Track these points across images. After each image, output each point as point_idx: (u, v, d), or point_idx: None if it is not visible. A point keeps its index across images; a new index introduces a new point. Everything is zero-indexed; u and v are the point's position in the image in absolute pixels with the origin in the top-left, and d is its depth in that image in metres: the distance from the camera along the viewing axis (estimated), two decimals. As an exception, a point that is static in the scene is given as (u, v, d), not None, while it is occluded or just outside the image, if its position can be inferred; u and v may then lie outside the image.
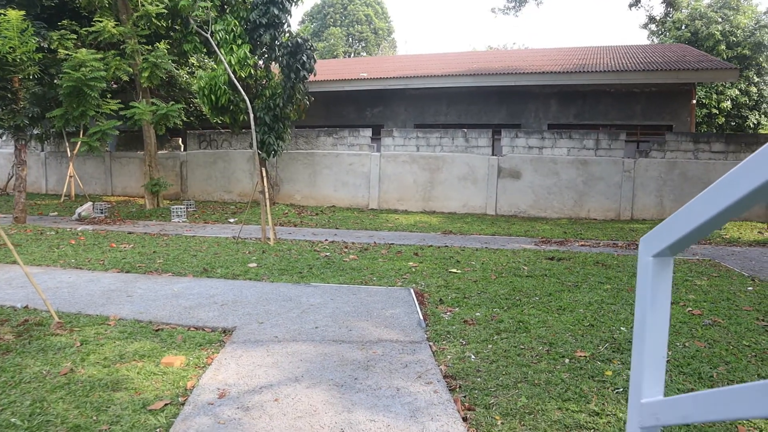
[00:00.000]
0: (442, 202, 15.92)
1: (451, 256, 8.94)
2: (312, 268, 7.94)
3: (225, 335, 5.04)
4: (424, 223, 13.70)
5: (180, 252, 9.14)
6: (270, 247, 9.61)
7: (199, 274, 7.60)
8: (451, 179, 15.79)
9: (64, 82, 11.83)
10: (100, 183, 20.98)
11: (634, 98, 17.21)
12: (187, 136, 19.09)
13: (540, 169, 15.11)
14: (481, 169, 15.53)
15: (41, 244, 9.92)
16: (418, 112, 19.52)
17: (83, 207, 14.09)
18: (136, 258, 8.64)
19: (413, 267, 8.01)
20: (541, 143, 15.18)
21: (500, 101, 18.50)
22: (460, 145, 15.79)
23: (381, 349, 4.60)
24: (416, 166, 16.08)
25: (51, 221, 13.76)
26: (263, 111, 14.52)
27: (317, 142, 17.20)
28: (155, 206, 15.36)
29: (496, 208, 15.48)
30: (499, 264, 8.30)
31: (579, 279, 7.29)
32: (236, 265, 8.10)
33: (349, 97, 20.01)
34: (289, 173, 17.44)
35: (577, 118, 17.73)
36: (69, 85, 11.83)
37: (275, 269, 7.85)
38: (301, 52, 14.05)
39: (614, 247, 10.42)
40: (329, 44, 46.59)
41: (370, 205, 16.58)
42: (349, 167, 16.75)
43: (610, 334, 4.99)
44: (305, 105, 15.14)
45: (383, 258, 8.75)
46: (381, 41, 50.00)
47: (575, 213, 14.91)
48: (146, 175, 15.17)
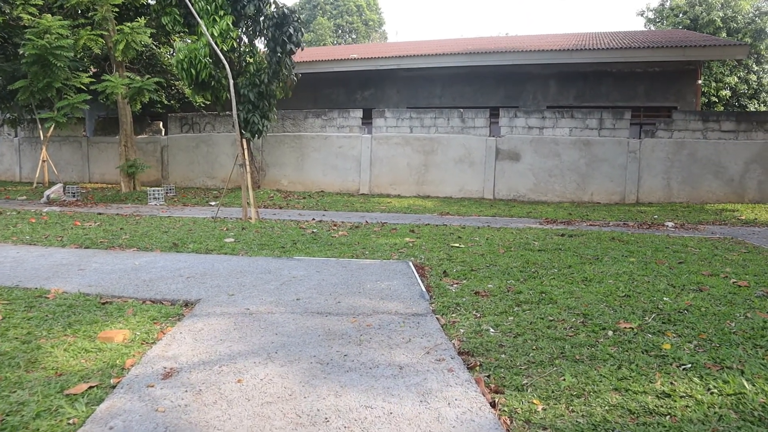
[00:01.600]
0: (437, 186, 15.06)
1: (451, 233, 8.08)
2: (296, 243, 7.05)
3: (186, 308, 4.14)
4: (418, 206, 12.84)
5: (150, 229, 8.21)
6: (251, 225, 8.70)
7: (168, 249, 6.68)
8: (447, 162, 14.93)
9: (27, 50, 10.85)
10: (77, 169, 19.92)
11: (637, 79, 16.44)
12: (168, 120, 18.09)
13: (540, 150, 14.29)
14: (479, 151, 14.69)
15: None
16: (411, 95, 18.64)
17: (52, 189, 13.10)
18: (99, 234, 7.71)
19: (410, 242, 7.14)
20: (541, 123, 14.36)
21: (497, 83, 17.67)
22: (456, 126, 14.93)
23: (377, 322, 3.72)
24: (410, 149, 15.20)
25: (17, 204, 12.75)
26: (247, 88, 13.56)
27: (305, 124, 16.28)
28: (131, 189, 14.37)
29: (494, 191, 14.64)
30: (506, 240, 7.45)
31: (598, 252, 6.45)
32: (211, 240, 7.19)
33: (339, 80, 19.10)
34: (275, 157, 16.51)
35: (578, 100, 16.93)
36: (32, 53, 10.88)
37: (255, 244, 6.95)
38: (287, 24, 13.11)
39: (625, 227, 9.60)
40: (317, 35, 45.61)
41: (361, 190, 15.69)
42: (339, 150, 15.85)
43: (652, 304, 4.14)
44: (292, 82, 14.21)
45: (376, 234, 7.87)
46: (372, 32, 49.08)
47: (578, 196, 14.11)
48: (122, 156, 14.18)
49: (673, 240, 7.71)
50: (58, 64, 10.89)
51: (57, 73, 11.14)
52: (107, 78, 11.89)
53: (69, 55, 11.02)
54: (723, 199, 13.39)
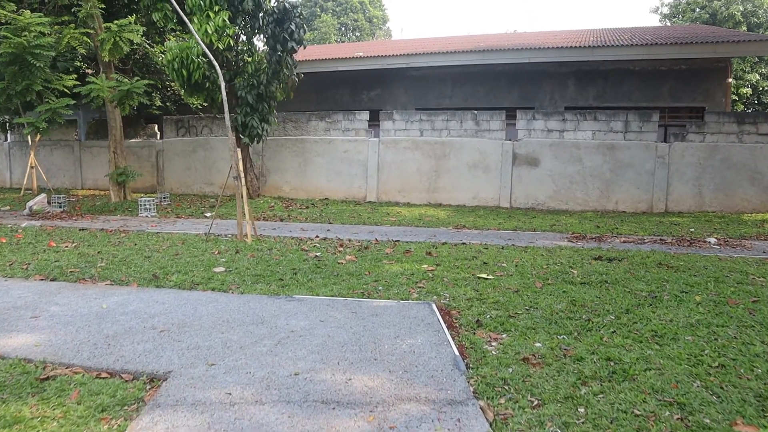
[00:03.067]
0: (449, 193, 14.06)
1: (473, 256, 7.09)
2: (297, 272, 6.07)
3: (151, 387, 3.17)
4: (430, 216, 11.85)
5: (131, 252, 7.25)
6: (246, 246, 7.72)
7: (146, 283, 5.72)
8: (460, 167, 13.93)
9: (3, 49, 9.91)
10: (69, 175, 19.00)
11: (661, 77, 15.40)
12: (164, 123, 17.14)
13: (561, 155, 13.28)
14: (494, 155, 13.68)
15: (-37, 244, 8.01)
16: (420, 95, 17.64)
17: (35, 200, 12.15)
18: (72, 261, 6.75)
19: (429, 271, 6.15)
20: (561, 126, 13.34)
21: (511, 82, 16.66)
22: (469, 128, 13.93)
23: (402, 419, 2.74)
24: (420, 153, 14.21)
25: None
26: (245, 89, 12.59)
27: (308, 127, 15.30)
28: (121, 199, 13.42)
29: (511, 199, 13.64)
30: (538, 266, 6.46)
31: (652, 287, 5.45)
32: (198, 270, 6.22)
33: (344, 80, 18.11)
34: (277, 162, 15.55)
35: (598, 100, 15.91)
36: (8, 52, 9.92)
37: (248, 275, 5.98)
38: (288, 20, 12.13)
39: (663, 244, 8.59)
40: (320, 33, 44.60)
41: (368, 197, 14.71)
42: (344, 155, 14.88)
43: (761, 381, 3.15)
44: (293, 82, 13.23)
45: (388, 259, 6.88)
46: (376, 30, 48.04)
47: (601, 205, 13.09)
48: (111, 164, 13.23)
49: (727, 264, 6.71)
50: (37, 64, 9.96)
51: (36, 74, 10.19)
52: (92, 80, 10.93)
53: (49, 54, 10.08)
54: (760, 207, 12.36)
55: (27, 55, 9.99)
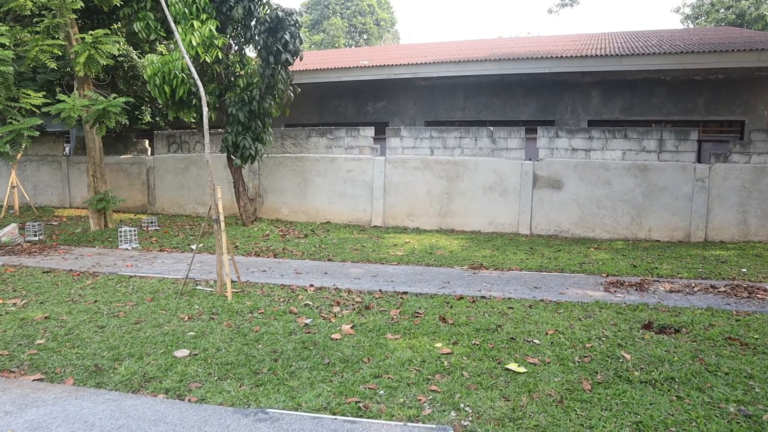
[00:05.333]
0: (462, 218, 12.77)
1: (496, 323, 5.79)
2: (279, 359, 4.81)
3: None
4: (442, 248, 10.56)
5: (85, 318, 6.02)
6: (226, 306, 6.47)
7: (86, 378, 4.49)
8: (474, 190, 12.64)
9: (-40, 67, 8.75)
10: (57, 192, 17.89)
11: (695, 88, 14.04)
12: (155, 138, 15.97)
13: (587, 177, 11.96)
14: (512, 177, 12.38)
15: None
16: (430, 107, 16.36)
17: (5, 230, 10.99)
18: (8, 334, 5.54)
19: (444, 356, 4.87)
20: (588, 144, 12.02)
21: (529, 93, 15.34)
22: (484, 146, 12.63)
23: None
24: (430, 174, 12.93)
25: (-37, 249, 10.67)
26: (236, 106, 11.38)
27: (308, 144, 14.07)
28: (102, 227, 12.22)
29: (531, 226, 12.33)
30: (578, 342, 5.17)
31: (738, 392, 4.15)
32: (157, 351, 4.98)
33: (347, 90, 16.86)
34: (274, 182, 14.33)
35: (624, 113, 14.56)
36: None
37: (217, 363, 4.73)
38: (282, 29, 10.90)
39: (717, 294, 7.26)
40: (330, 36, 43.44)
41: (374, 222, 13.45)
42: (348, 174, 13.63)
43: None
44: (289, 97, 12.00)
45: (394, 329, 5.60)
46: (384, 32, 46.80)
47: (632, 232, 11.75)
48: (90, 188, 12.03)
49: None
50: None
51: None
52: (62, 98, 9.74)
53: (8, 70, 8.88)
54: (813, 237, 11.00)
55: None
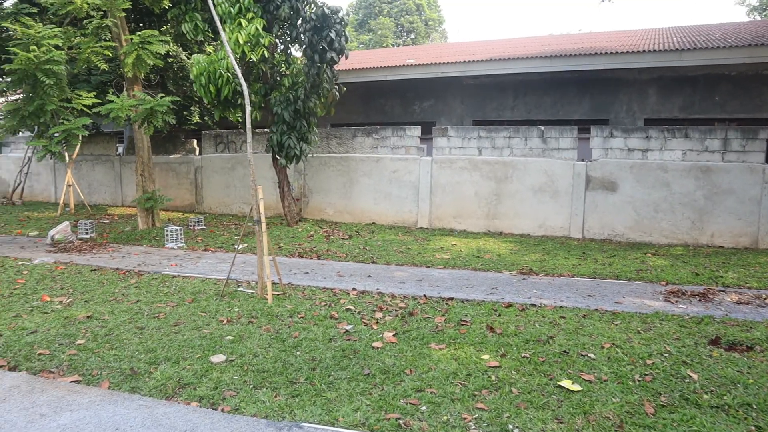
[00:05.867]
0: (511, 220, 12.36)
1: (548, 334, 5.43)
2: (317, 368, 4.61)
3: None
4: (489, 251, 10.20)
5: (126, 318, 5.98)
6: (265, 309, 6.33)
7: (121, 382, 4.40)
8: (524, 191, 12.21)
9: (14, 66, 8.94)
10: (110, 191, 18.36)
11: (763, 83, 13.17)
12: (203, 138, 16.15)
13: (644, 178, 11.36)
14: (564, 178, 11.89)
15: (-51, 296, 7.00)
16: (478, 106, 15.96)
17: (58, 228, 11.24)
18: (51, 332, 5.54)
19: (491, 369, 4.57)
20: (645, 144, 11.42)
21: (581, 91, 14.75)
22: (535, 147, 12.18)
23: None
24: (478, 174, 12.56)
25: (18, 246, 10.97)
26: (281, 105, 11.31)
27: (353, 144, 13.91)
28: (149, 226, 12.37)
29: (583, 229, 11.80)
30: (638, 357, 4.77)
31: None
32: (193, 356, 4.87)
33: (394, 89, 16.63)
34: (319, 182, 14.23)
35: (684, 111, 13.81)
36: (17, 69, 8.94)
37: (253, 369, 4.57)
38: (327, 27, 10.75)
39: (792, 306, 6.68)
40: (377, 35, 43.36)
41: (419, 223, 13.17)
42: (393, 175, 13.40)
43: None
44: (334, 97, 11.86)
45: (438, 338, 5.33)
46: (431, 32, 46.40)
47: (693, 238, 11.09)
48: (138, 187, 12.19)
49: None
50: (47, 81, 8.91)
51: (49, 92, 9.17)
52: (111, 99, 9.87)
53: (60, 70, 9.03)
54: None
55: (37, 72, 8.99)
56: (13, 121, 9.51)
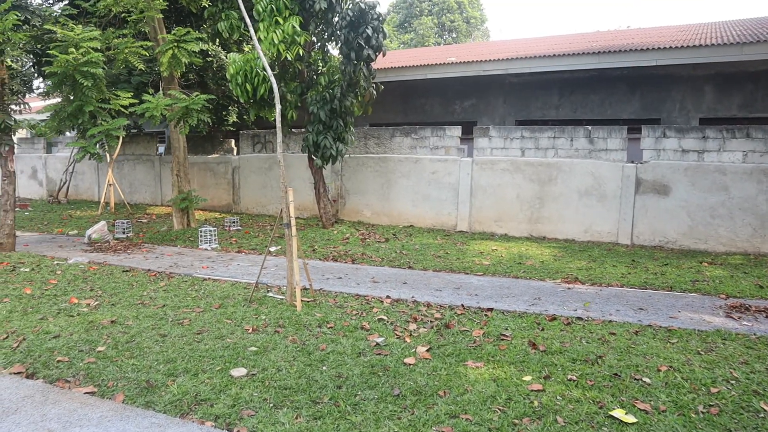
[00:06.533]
0: (555, 224, 11.79)
1: (598, 354, 4.94)
2: (343, 386, 4.27)
3: None
4: (532, 257, 9.70)
5: (149, 325, 5.77)
6: (293, 318, 6.03)
7: (136, 395, 4.15)
8: (569, 194, 11.63)
9: (50, 69, 8.93)
10: (150, 191, 18.51)
11: (832, 80, 12.23)
12: (240, 138, 16.08)
13: (699, 181, 10.64)
14: (612, 180, 11.26)
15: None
16: (521, 106, 15.40)
17: (95, 228, 11.27)
18: (73, 338, 5.38)
19: (534, 396, 4.13)
20: (701, 145, 10.70)
21: (631, 89, 14.03)
22: (581, 147, 11.59)
23: None
24: (520, 176, 12.04)
25: (56, 245, 11.04)
26: (317, 104, 11.05)
27: (391, 144, 13.56)
28: (185, 226, 12.31)
29: (632, 235, 11.15)
30: (700, 384, 4.26)
31: None
32: (214, 369, 4.59)
33: (434, 88, 16.21)
34: (357, 183, 13.94)
35: (744, 110, 12.95)
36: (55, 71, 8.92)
37: (275, 386, 4.26)
38: (364, 23, 10.43)
39: None
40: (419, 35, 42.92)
41: (459, 226, 12.72)
42: (432, 176, 12.99)
43: None
44: (371, 95, 11.53)
45: (475, 355, 4.91)
46: (473, 30, 45.67)
47: (754, 246, 10.32)
48: (174, 188, 12.14)
49: None
50: (85, 83, 8.86)
51: (87, 94, 9.13)
52: (147, 98, 9.78)
53: (98, 71, 8.97)
54: None
55: (76, 74, 8.95)
56: (53, 122, 9.51)
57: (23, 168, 22.17)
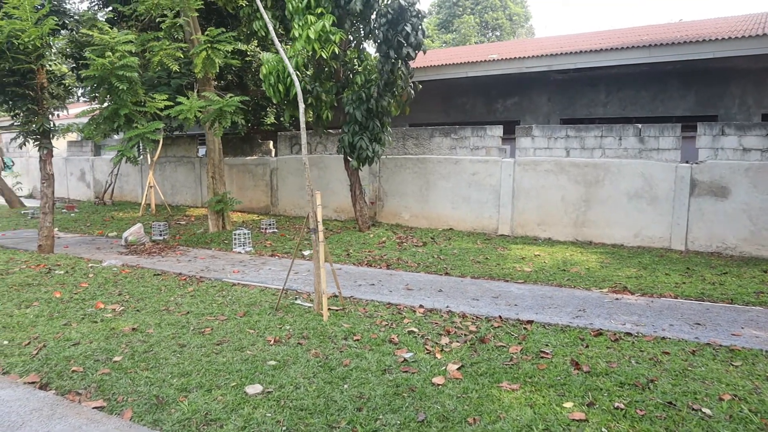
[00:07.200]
0: (602, 228, 11.16)
1: (649, 377, 4.44)
2: (363, 408, 3.93)
3: None
4: (577, 264, 9.15)
5: (169, 334, 5.56)
6: (319, 328, 5.73)
7: (143, 413, 3.91)
8: (617, 196, 10.98)
9: (90, 72, 8.92)
10: (190, 192, 18.63)
11: None
12: (278, 139, 15.96)
13: (762, 183, 9.85)
14: (664, 182, 10.57)
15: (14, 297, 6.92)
16: (566, 104, 14.76)
17: (131, 230, 11.28)
18: (92, 346, 5.22)
19: (575, 426, 3.68)
20: (764, 143, 9.91)
21: (685, 84, 13.22)
22: (630, 147, 10.93)
23: None
24: (565, 178, 11.45)
25: (95, 247, 11.10)
26: (353, 104, 10.77)
27: (430, 145, 13.16)
28: (220, 228, 12.21)
29: (687, 240, 10.43)
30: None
31: None
32: (229, 385, 4.32)
33: (475, 87, 15.73)
34: (395, 184, 13.59)
35: (812, 105, 12.01)
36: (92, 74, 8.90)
37: (291, 405, 3.95)
38: (403, 21, 10.08)
39: None
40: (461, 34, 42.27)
41: (500, 230, 12.21)
42: (473, 178, 12.52)
43: None
44: (409, 95, 11.16)
45: (511, 377, 4.48)
46: (517, 28, 44.70)
47: (824, 252, 9.48)
48: (209, 190, 12.07)
49: None
50: (121, 86, 8.80)
51: (122, 97, 9.08)
52: (181, 100, 9.68)
53: (133, 75, 8.91)
54: None
55: (112, 77, 8.91)
56: (90, 126, 9.51)
57: (72, 170, 22.76)
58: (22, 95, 9.60)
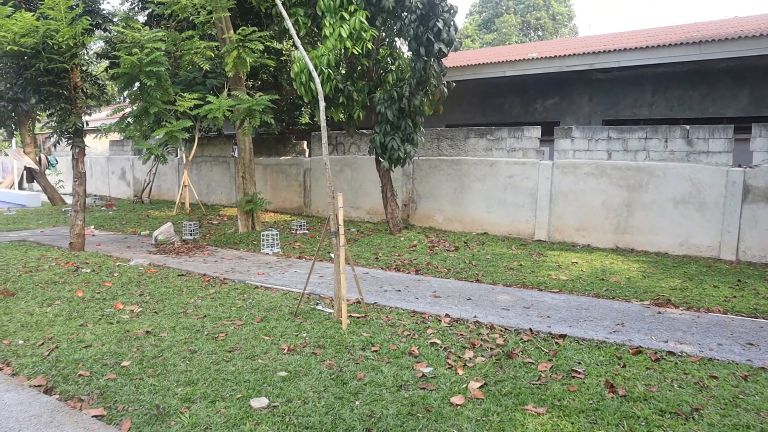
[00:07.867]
0: (645, 236, 10.57)
1: (694, 405, 4.00)
2: (374, 427, 3.62)
3: None
4: (617, 273, 8.63)
5: (182, 338, 5.38)
6: (336, 337, 5.45)
7: (141, 425, 3.72)
8: (662, 202, 10.38)
9: (121, 70, 8.90)
10: (225, 192, 18.70)
11: None
12: (312, 139, 15.83)
13: (823, 189, 9.13)
14: (713, 187, 9.93)
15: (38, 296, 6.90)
16: (608, 104, 14.14)
17: (161, 229, 11.27)
18: (103, 349, 5.08)
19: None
20: (826, 147, 9.19)
21: (738, 83, 12.47)
22: (677, 149, 10.32)
23: None
24: (606, 181, 10.91)
25: (125, 246, 11.13)
26: (385, 104, 10.49)
27: (465, 146, 12.76)
28: (249, 229, 12.11)
29: (738, 250, 9.76)
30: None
31: None
32: (234, 396, 4.09)
33: (513, 86, 15.26)
34: (429, 186, 13.25)
35: None
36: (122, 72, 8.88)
37: (296, 423, 3.68)
38: (435, 17, 9.75)
39: None
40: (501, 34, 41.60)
41: (537, 235, 11.74)
42: (509, 180, 12.08)
43: None
44: (442, 94, 10.81)
45: (537, 399, 4.10)
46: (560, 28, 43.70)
47: None
48: (240, 190, 11.97)
49: None
50: (149, 83, 8.75)
51: (151, 94, 9.03)
52: (210, 99, 9.59)
53: (161, 71, 8.85)
54: None
55: (141, 74, 8.86)
56: (120, 125, 9.52)
57: (114, 169, 23.18)
58: (56, 94, 9.66)
